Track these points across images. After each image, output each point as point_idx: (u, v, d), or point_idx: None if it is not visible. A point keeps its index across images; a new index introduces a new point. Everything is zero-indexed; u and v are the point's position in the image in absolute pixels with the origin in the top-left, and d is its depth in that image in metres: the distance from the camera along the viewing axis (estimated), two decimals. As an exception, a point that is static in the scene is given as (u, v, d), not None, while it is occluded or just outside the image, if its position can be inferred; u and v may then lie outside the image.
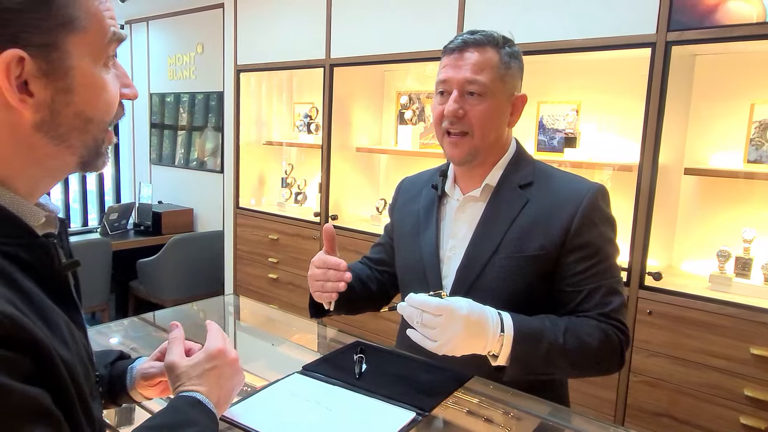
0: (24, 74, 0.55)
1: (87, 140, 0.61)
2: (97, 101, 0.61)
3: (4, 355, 0.49)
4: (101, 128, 0.63)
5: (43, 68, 0.56)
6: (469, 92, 1.13)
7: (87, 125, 0.61)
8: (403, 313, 1.02)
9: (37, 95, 0.56)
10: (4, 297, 0.52)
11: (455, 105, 1.13)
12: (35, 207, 0.61)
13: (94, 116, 0.61)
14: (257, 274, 3.56)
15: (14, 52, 0.53)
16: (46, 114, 0.57)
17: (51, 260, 0.61)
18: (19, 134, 0.57)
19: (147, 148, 5.11)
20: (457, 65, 1.14)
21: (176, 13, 4.66)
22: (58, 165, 0.62)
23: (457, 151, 1.17)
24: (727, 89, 2.11)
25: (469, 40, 1.14)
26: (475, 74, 1.12)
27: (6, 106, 0.55)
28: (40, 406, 0.51)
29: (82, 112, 0.60)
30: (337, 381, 1.08)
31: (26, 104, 0.56)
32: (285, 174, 3.66)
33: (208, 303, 1.93)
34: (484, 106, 1.13)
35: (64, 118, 0.59)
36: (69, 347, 0.58)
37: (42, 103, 0.57)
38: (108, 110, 0.63)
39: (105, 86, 0.62)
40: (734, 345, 1.86)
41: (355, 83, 3.12)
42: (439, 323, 0.97)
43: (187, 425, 0.70)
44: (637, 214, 2.04)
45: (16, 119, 0.56)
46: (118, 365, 0.91)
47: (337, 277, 1.15)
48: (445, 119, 1.15)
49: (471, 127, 1.14)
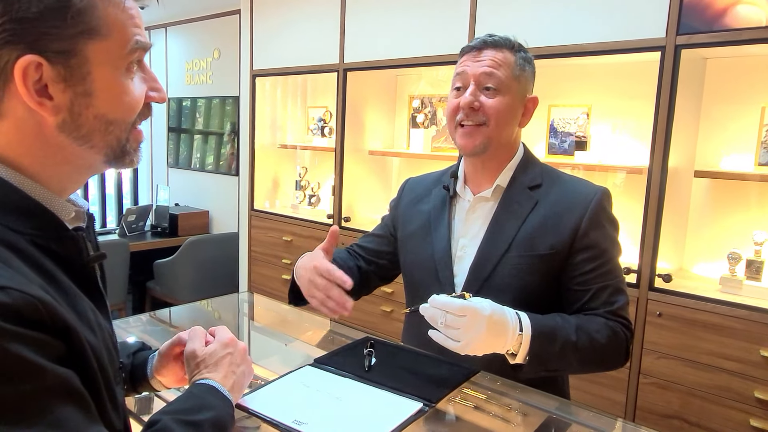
0: (43, 78, 0.58)
1: (110, 140, 0.64)
2: (117, 104, 0.63)
3: (39, 338, 0.52)
4: (123, 128, 0.65)
5: (62, 73, 0.59)
6: (486, 87, 1.17)
7: (108, 126, 0.63)
8: (426, 314, 1.04)
9: (56, 99, 0.59)
10: (38, 284, 0.56)
11: (471, 97, 1.17)
12: (66, 202, 0.65)
13: (115, 118, 0.63)
14: (271, 275, 3.61)
15: (31, 58, 0.56)
16: (66, 116, 0.60)
17: (80, 252, 0.64)
18: (45, 135, 0.61)
19: (164, 151, 5.20)
20: (475, 61, 1.19)
21: (194, 19, 4.75)
22: (85, 163, 0.65)
23: (471, 140, 1.19)
24: (739, 92, 2.11)
25: (488, 40, 1.19)
26: (493, 69, 1.17)
27: (30, 109, 0.59)
28: (70, 386, 0.54)
29: (102, 114, 0.62)
30: (347, 373, 1.11)
31: (45, 107, 0.59)
32: (299, 177, 3.71)
33: (223, 300, 1.97)
34: (499, 100, 1.17)
35: (85, 120, 0.61)
36: (95, 333, 0.62)
37: (61, 106, 0.60)
38: (130, 112, 0.65)
39: (126, 90, 0.64)
40: (745, 347, 1.86)
41: (368, 87, 3.16)
42: (462, 324, 1.00)
43: (205, 410, 0.74)
44: (647, 217, 2.05)
45: (41, 120, 0.60)
46: (140, 355, 0.95)
47: (339, 301, 1.13)
48: (460, 111, 1.19)
49: (487, 117, 1.17)
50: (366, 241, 1.47)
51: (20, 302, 0.51)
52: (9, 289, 0.51)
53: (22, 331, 0.51)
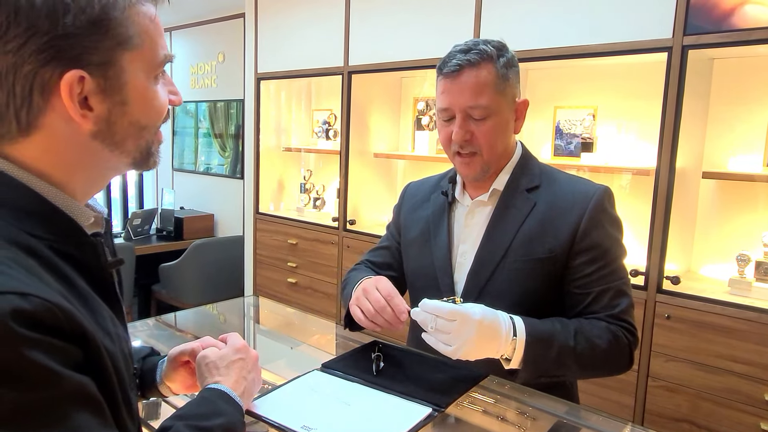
0: (84, 91, 0.59)
1: (140, 144, 0.66)
2: (149, 111, 0.66)
3: (57, 344, 0.53)
4: (152, 132, 0.68)
5: (101, 85, 0.60)
6: (473, 116, 1.14)
7: (141, 132, 0.66)
8: (416, 318, 1.03)
9: (96, 109, 0.61)
10: (57, 291, 0.56)
11: (461, 131, 1.14)
12: (85, 208, 0.65)
13: (147, 123, 0.66)
14: (276, 278, 3.61)
15: (76, 72, 0.57)
16: (103, 125, 0.62)
17: (98, 258, 0.65)
18: (79, 143, 0.62)
19: (169, 155, 5.22)
20: (455, 90, 1.13)
21: (199, 23, 4.76)
22: (112, 167, 0.67)
23: (470, 169, 1.19)
24: (746, 93, 2.10)
25: (463, 62, 1.12)
26: (475, 99, 1.12)
27: (67, 119, 0.60)
28: (87, 393, 0.54)
29: (136, 121, 0.64)
30: (356, 378, 1.10)
31: (87, 118, 0.60)
32: (304, 180, 3.71)
33: (229, 304, 1.97)
34: (490, 126, 1.14)
35: (120, 128, 0.63)
36: (113, 339, 0.62)
37: (100, 116, 0.61)
38: (159, 117, 0.68)
39: (156, 96, 0.66)
40: (754, 350, 1.84)
41: (373, 90, 3.16)
42: (452, 328, 0.99)
43: (216, 416, 0.74)
44: (654, 218, 2.04)
45: (76, 129, 0.61)
46: (149, 360, 0.95)
47: (391, 321, 1.12)
48: (453, 143, 1.17)
49: (480, 147, 1.15)
50: (375, 255, 1.46)
51: (40, 309, 0.52)
52: (29, 296, 0.52)
53: (40, 338, 0.51)
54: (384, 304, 1.11)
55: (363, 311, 1.14)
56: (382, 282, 1.16)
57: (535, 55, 2.32)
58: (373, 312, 1.12)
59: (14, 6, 0.55)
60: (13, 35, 0.55)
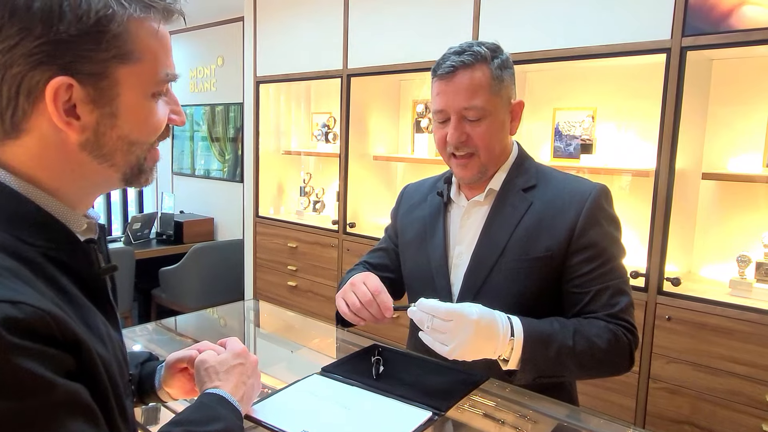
0: (72, 99, 0.59)
1: (130, 159, 0.65)
2: (141, 126, 0.64)
3: (49, 352, 0.52)
4: (144, 149, 0.66)
5: (91, 95, 0.59)
6: (468, 118, 1.14)
7: (130, 147, 0.64)
8: (413, 317, 1.03)
9: (84, 119, 0.60)
10: (49, 298, 0.56)
11: (457, 132, 1.14)
12: (78, 214, 0.65)
13: (138, 139, 0.64)
14: (276, 281, 3.60)
15: (63, 79, 0.57)
16: (90, 135, 0.61)
17: (91, 264, 0.65)
18: (67, 152, 0.61)
19: (169, 159, 5.22)
20: (449, 92, 1.13)
21: (198, 27, 4.77)
22: (102, 180, 0.66)
23: (467, 171, 1.18)
24: (745, 93, 2.10)
25: (457, 63, 1.12)
26: (470, 100, 1.12)
27: (55, 127, 0.59)
28: (80, 401, 0.54)
29: (126, 135, 0.63)
30: (355, 381, 1.10)
31: (72, 126, 0.59)
32: (303, 183, 3.71)
33: (229, 308, 1.96)
34: (485, 127, 1.14)
35: (108, 140, 0.62)
36: (106, 346, 0.62)
37: (88, 126, 0.60)
38: (152, 134, 0.66)
39: (151, 112, 0.65)
40: (756, 351, 1.84)
41: (372, 92, 3.16)
42: (449, 328, 0.99)
43: (215, 421, 0.74)
44: (654, 220, 2.04)
45: (65, 138, 0.60)
46: (148, 366, 0.95)
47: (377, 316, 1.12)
48: (449, 145, 1.17)
49: (476, 147, 1.15)
50: (373, 256, 1.45)
51: (32, 317, 0.51)
52: (21, 304, 0.51)
53: (32, 346, 0.51)
54: (371, 298, 1.12)
55: (348, 305, 1.14)
56: (371, 278, 1.16)
57: (534, 57, 2.32)
58: (359, 306, 1.12)
59: (10, 7, 0.55)
60: (6, 36, 0.55)
